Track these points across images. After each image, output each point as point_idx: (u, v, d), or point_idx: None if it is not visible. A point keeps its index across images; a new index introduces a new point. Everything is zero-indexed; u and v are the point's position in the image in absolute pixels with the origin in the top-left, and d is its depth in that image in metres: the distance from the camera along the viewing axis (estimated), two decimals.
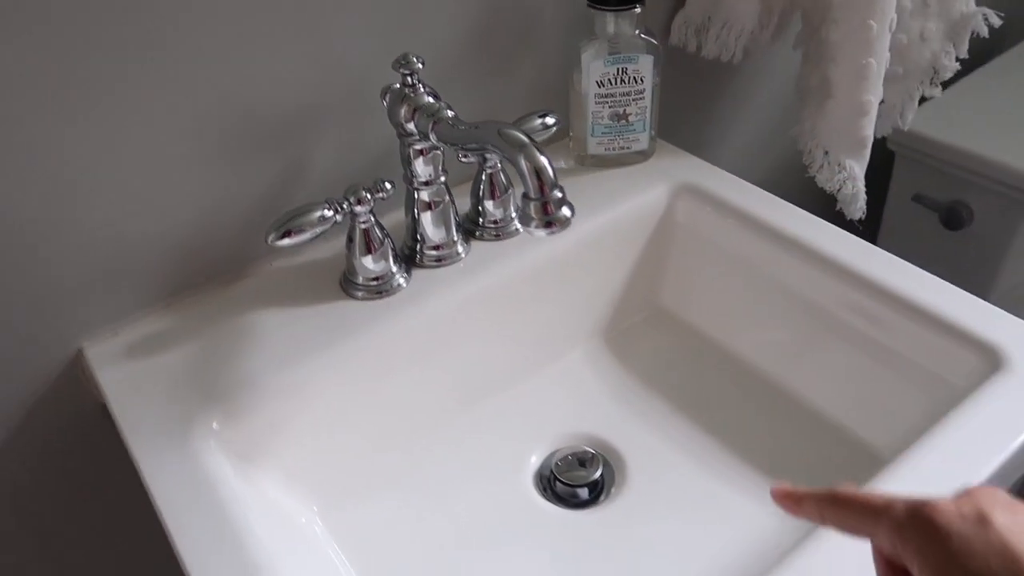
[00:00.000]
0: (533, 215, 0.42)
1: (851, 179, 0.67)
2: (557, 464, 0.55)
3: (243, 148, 0.52)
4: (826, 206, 0.72)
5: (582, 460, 0.55)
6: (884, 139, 0.94)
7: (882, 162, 1.03)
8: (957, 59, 0.74)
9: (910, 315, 0.51)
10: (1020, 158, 0.84)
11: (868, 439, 0.53)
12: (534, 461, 0.56)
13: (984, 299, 0.50)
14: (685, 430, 0.57)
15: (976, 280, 0.92)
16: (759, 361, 0.60)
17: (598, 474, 0.54)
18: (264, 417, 0.48)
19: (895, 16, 0.63)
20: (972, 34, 0.73)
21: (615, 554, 0.50)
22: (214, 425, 0.46)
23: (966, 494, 0.28)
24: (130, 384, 0.49)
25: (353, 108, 0.55)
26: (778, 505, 0.33)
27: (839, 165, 0.67)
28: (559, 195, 0.42)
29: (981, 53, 1.08)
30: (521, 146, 0.42)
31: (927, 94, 0.76)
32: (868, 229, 1.09)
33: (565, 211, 0.42)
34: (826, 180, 0.68)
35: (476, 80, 0.61)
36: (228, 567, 0.39)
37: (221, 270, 0.56)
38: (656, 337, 0.64)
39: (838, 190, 0.68)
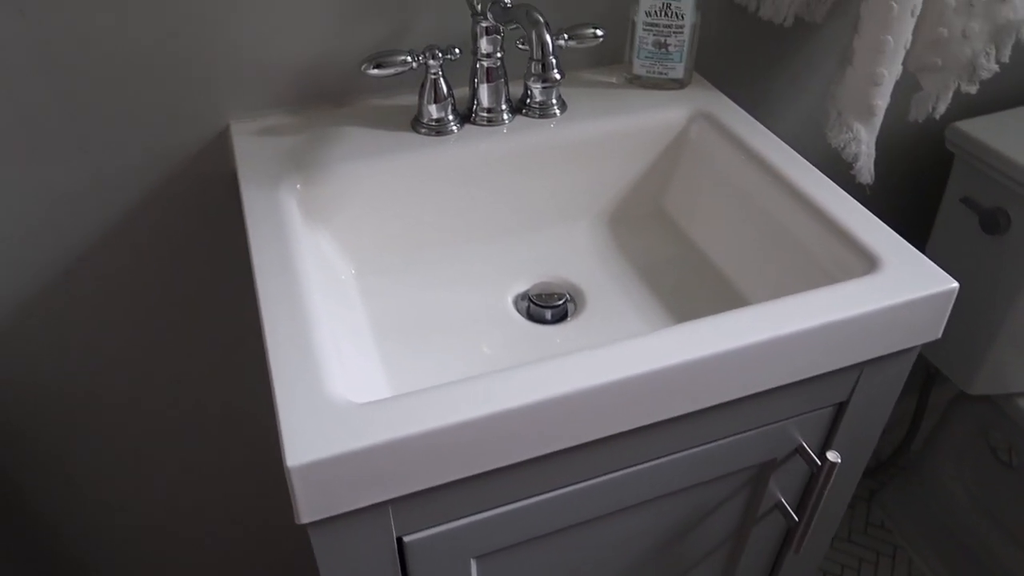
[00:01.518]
0: (533, 72, 0.58)
1: (856, 140, 0.78)
2: (537, 293, 0.71)
3: (363, 7, 0.71)
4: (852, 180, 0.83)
5: (556, 294, 0.71)
6: (943, 140, 1.01)
7: (942, 163, 1.09)
8: (997, 62, 0.81)
9: (828, 228, 0.63)
10: None
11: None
12: (519, 286, 0.72)
13: (1010, 307, 0.56)
14: (639, 290, 0.71)
15: (1006, 284, 0.98)
16: (713, 252, 0.73)
17: (562, 303, 0.70)
18: (331, 191, 0.68)
19: (918, 2, 0.72)
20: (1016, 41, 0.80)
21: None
22: (297, 185, 0.67)
23: None
24: (253, 152, 0.70)
25: None
26: None
27: (847, 126, 0.78)
28: (554, 61, 0.58)
29: None
30: (535, 23, 0.58)
31: (964, 89, 0.83)
32: (922, 226, 1.16)
33: (556, 73, 0.58)
34: (834, 136, 0.79)
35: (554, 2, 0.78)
36: (283, 287, 0.56)
37: (334, 94, 0.76)
38: (650, 228, 0.78)
39: (842, 148, 0.79)
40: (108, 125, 0.70)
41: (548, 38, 0.58)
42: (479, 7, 0.67)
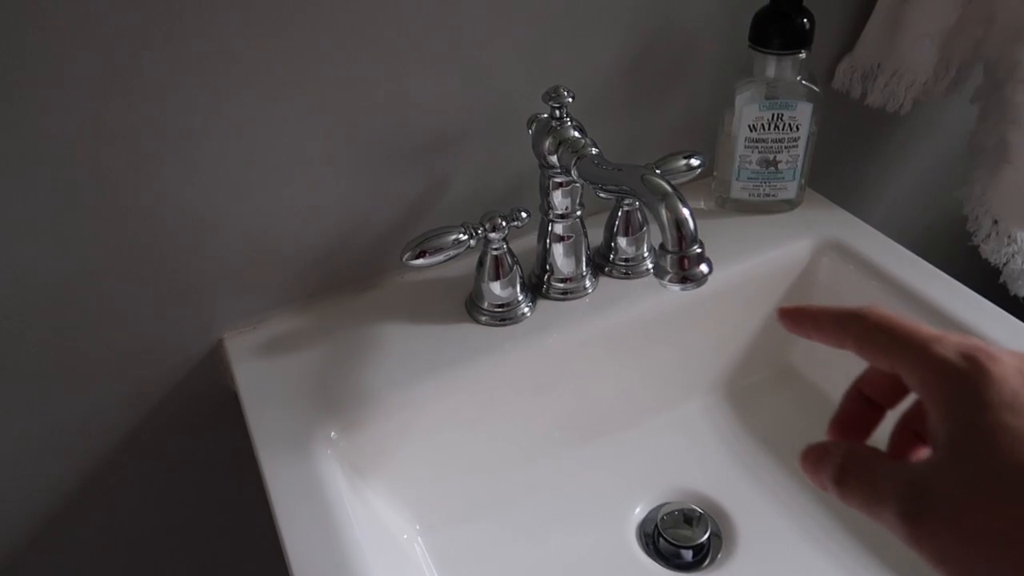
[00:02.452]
0: (668, 268, 0.41)
1: (1021, 253, 0.62)
2: (662, 519, 0.53)
3: (387, 165, 0.53)
4: (989, 275, 0.66)
5: (689, 518, 0.53)
6: None
7: None
8: None
9: None
10: None
11: None
12: (638, 512, 0.54)
13: None
14: (802, 501, 0.53)
15: None
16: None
17: (705, 537, 0.51)
18: (379, 431, 0.49)
19: None
20: None
21: None
22: (332, 434, 0.48)
23: None
24: (262, 380, 0.51)
25: (495, 132, 0.55)
26: (785, 325, 0.29)
27: (1008, 237, 0.61)
28: (698, 250, 0.40)
29: None
30: (664, 195, 0.41)
31: None
32: None
33: (703, 268, 0.41)
34: (992, 252, 0.63)
35: (622, 110, 0.60)
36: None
37: (355, 278, 0.57)
38: (782, 396, 0.61)
39: (1004, 264, 0.62)
40: (61, 367, 0.51)
41: (687, 214, 0.40)
42: (556, 160, 0.49)
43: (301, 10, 0.45)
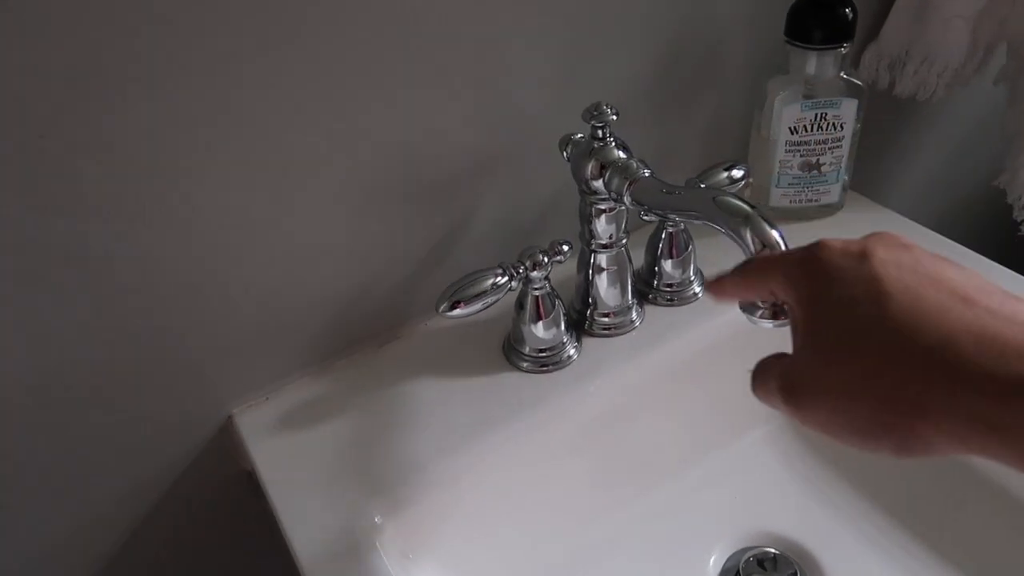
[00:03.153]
0: (760, 303, 0.35)
1: None
2: (748, 562, 0.48)
3: (404, 203, 0.47)
4: None
5: (771, 564, 0.48)
6: None
7: None
8: None
9: None
10: None
11: None
12: (714, 562, 0.49)
13: None
14: (888, 530, 0.49)
15: None
16: None
17: None
18: (427, 508, 0.43)
19: None
20: None
21: None
22: (377, 519, 0.42)
23: (865, 237, 0.27)
24: (285, 460, 0.45)
25: (520, 157, 0.50)
26: (709, 294, 0.33)
27: None
28: None
29: None
30: (746, 218, 0.35)
31: None
32: None
33: None
34: None
35: (649, 117, 0.55)
36: None
37: (375, 331, 0.51)
38: None
39: None
40: (38, 469, 0.44)
41: (777, 237, 0.35)
42: (602, 185, 0.43)
43: (288, 37, 0.39)
